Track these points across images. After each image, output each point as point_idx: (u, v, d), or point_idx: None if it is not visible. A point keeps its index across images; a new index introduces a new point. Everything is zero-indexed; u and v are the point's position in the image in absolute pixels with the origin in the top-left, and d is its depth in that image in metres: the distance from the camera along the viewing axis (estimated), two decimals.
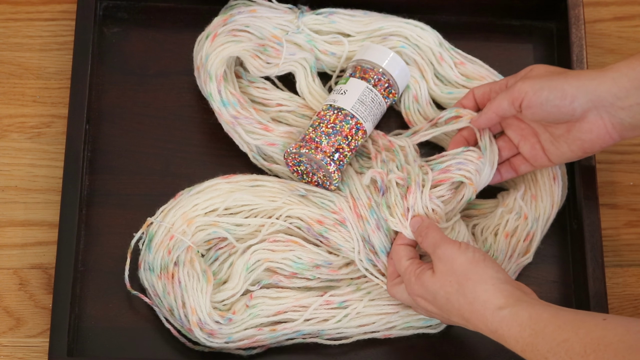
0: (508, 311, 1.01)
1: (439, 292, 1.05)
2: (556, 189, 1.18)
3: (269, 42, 1.20)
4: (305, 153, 1.15)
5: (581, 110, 1.08)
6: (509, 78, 1.15)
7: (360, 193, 1.16)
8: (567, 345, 0.95)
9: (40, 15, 1.27)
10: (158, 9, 1.27)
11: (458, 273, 1.05)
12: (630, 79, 1.06)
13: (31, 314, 1.16)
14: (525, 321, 0.99)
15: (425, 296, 1.07)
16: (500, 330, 1.01)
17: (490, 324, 1.02)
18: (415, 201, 1.13)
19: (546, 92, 1.08)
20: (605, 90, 1.07)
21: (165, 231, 1.14)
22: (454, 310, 1.05)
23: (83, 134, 1.18)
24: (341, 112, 1.17)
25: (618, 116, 1.08)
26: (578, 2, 1.25)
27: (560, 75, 1.09)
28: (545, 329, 0.97)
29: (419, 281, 1.07)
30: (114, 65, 1.25)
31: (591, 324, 0.95)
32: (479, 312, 1.02)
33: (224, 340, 1.12)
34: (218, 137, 1.21)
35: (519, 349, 1.00)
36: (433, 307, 1.08)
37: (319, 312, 1.14)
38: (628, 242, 1.22)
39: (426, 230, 1.10)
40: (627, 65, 1.07)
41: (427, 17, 1.25)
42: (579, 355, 0.93)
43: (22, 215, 1.19)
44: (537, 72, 1.11)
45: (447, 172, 1.15)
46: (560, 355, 0.95)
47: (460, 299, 1.04)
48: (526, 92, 1.08)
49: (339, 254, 1.16)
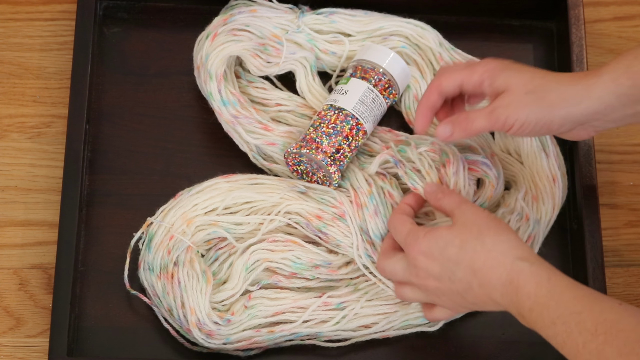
0: (528, 265, 0.99)
1: (454, 240, 1.03)
2: (557, 190, 1.18)
3: (269, 41, 1.20)
4: (306, 153, 1.15)
5: (567, 130, 1.08)
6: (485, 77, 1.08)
7: (361, 182, 1.17)
8: (579, 318, 0.94)
9: (40, 15, 1.27)
10: (158, 9, 1.27)
11: (480, 224, 1.03)
12: (617, 95, 1.04)
13: (31, 314, 1.16)
14: (543, 281, 0.98)
15: (432, 250, 1.04)
16: (516, 282, 0.99)
17: (508, 272, 1.00)
18: (457, 171, 1.13)
19: (533, 125, 1.06)
20: (591, 113, 1.05)
21: (165, 231, 1.14)
22: (464, 260, 1.02)
23: (83, 134, 1.18)
24: (342, 112, 1.17)
25: (603, 126, 1.08)
26: (578, 2, 1.25)
27: (545, 102, 1.06)
28: (562, 294, 0.96)
29: (429, 234, 1.05)
30: (114, 65, 1.25)
31: (607, 305, 0.94)
32: (497, 260, 1.01)
33: (222, 341, 1.12)
34: (218, 137, 1.21)
35: (527, 306, 0.98)
36: (435, 265, 1.04)
37: (316, 313, 1.14)
38: (628, 242, 1.22)
39: (449, 191, 1.09)
40: (612, 80, 1.04)
41: (427, 17, 1.25)
42: (589, 332, 0.93)
43: (22, 215, 1.20)
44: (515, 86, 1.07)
45: (475, 164, 1.16)
46: (570, 325, 0.94)
47: (477, 246, 1.02)
48: (512, 125, 1.06)
49: (338, 251, 1.16)
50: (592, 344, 0.92)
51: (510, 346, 1.17)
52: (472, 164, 1.15)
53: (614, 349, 0.90)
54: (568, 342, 0.94)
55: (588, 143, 1.20)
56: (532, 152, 1.19)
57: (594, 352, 0.92)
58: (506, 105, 1.06)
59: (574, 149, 1.21)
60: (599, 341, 0.91)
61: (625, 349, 0.90)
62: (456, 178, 1.13)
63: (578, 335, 0.93)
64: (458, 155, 1.14)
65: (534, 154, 1.19)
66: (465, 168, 1.14)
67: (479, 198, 1.16)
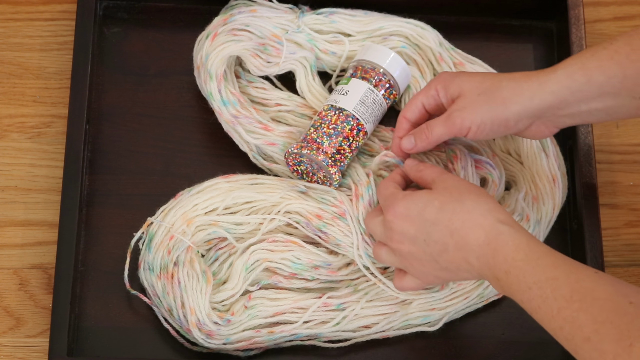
0: (507, 228, 0.99)
1: (433, 202, 1.03)
2: (557, 190, 1.18)
3: (269, 41, 1.20)
4: (307, 154, 1.15)
5: (525, 126, 1.08)
6: (439, 88, 1.11)
7: (361, 176, 1.17)
8: (555, 284, 0.94)
9: (40, 15, 1.27)
10: (158, 9, 1.27)
11: (460, 188, 1.04)
12: (572, 91, 1.04)
13: (31, 314, 1.16)
14: (522, 245, 0.98)
15: (409, 212, 1.04)
16: (494, 243, 0.99)
17: (487, 233, 1.00)
18: (466, 166, 1.13)
19: (489, 125, 1.07)
20: (546, 106, 1.06)
21: (165, 231, 1.14)
22: (443, 221, 1.02)
23: (83, 134, 1.18)
24: (343, 112, 1.17)
25: (560, 121, 1.08)
26: (578, 2, 1.25)
27: (497, 100, 1.06)
28: (539, 260, 0.96)
29: (407, 196, 1.05)
30: (114, 65, 1.25)
31: (584, 273, 0.94)
32: (476, 221, 1.01)
33: (222, 341, 1.12)
34: (218, 137, 1.21)
35: (504, 268, 0.98)
36: (411, 226, 1.04)
37: (317, 314, 1.14)
38: (628, 242, 1.22)
39: (430, 164, 1.09)
40: (567, 75, 1.05)
41: (427, 17, 1.25)
42: (564, 298, 0.92)
43: (22, 215, 1.20)
44: (468, 90, 1.08)
45: (479, 162, 1.16)
46: (546, 290, 0.94)
47: (457, 206, 1.02)
48: (469, 128, 1.07)
49: (338, 251, 1.16)
50: (567, 311, 0.92)
51: (510, 346, 1.17)
52: (476, 163, 1.16)
53: (588, 316, 0.90)
54: (543, 307, 0.94)
55: (588, 143, 1.21)
56: (532, 152, 1.19)
57: (568, 318, 0.91)
58: (461, 108, 1.07)
59: (574, 149, 1.21)
60: (574, 308, 0.91)
61: (600, 317, 0.89)
62: (465, 173, 1.13)
63: (553, 301, 0.93)
64: (464, 151, 1.15)
65: (533, 154, 1.19)
66: (473, 164, 1.14)
67: None
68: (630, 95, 1.04)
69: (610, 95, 1.04)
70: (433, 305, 1.15)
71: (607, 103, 1.05)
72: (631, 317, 0.88)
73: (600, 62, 1.04)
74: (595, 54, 1.04)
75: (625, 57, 1.03)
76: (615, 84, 1.03)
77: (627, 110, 1.06)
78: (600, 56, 1.04)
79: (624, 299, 0.90)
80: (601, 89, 1.04)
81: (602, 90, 1.04)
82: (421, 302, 1.15)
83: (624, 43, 1.03)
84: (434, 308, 1.15)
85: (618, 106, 1.05)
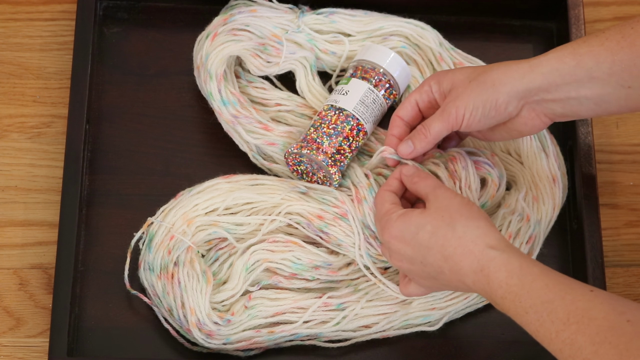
0: (499, 254, 1.00)
1: (426, 226, 1.03)
2: (557, 190, 1.18)
3: (269, 41, 1.20)
4: (307, 154, 1.15)
5: (515, 110, 1.08)
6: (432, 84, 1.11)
7: (360, 177, 1.17)
8: (551, 307, 0.94)
9: (40, 15, 1.27)
10: (158, 9, 1.27)
11: (452, 209, 1.03)
12: (561, 74, 1.05)
13: (31, 314, 1.16)
14: (515, 269, 0.98)
15: (404, 235, 1.05)
16: (487, 270, 0.99)
17: (479, 260, 1.00)
18: (466, 166, 1.13)
19: (481, 109, 1.07)
20: (535, 87, 1.06)
21: (166, 231, 1.14)
22: (436, 247, 1.03)
23: (83, 134, 1.18)
24: (342, 112, 1.17)
25: (549, 107, 1.07)
26: (578, 2, 1.25)
27: (487, 82, 1.07)
28: (533, 283, 0.96)
29: (401, 218, 1.06)
30: (114, 65, 1.25)
31: (578, 292, 0.94)
32: (467, 248, 1.01)
33: (222, 341, 1.12)
34: (218, 137, 1.21)
35: (499, 294, 0.98)
36: (408, 249, 1.05)
37: (317, 314, 1.14)
38: (628, 242, 1.22)
39: (425, 175, 1.10)
40: (557, 59, 1.05)
41: (427, 17, 1.25)
42: (561, 321, 0.93)
43: (22, 215, 1.20)
44: (460, 80, 1.09)
45: (478, 163, 1.16)
46: (542, 315, 0.94)
47: (448, 232, 1.02)
48: (463, 116, 1.08)
49: (339, 251, 1.16)
50: (565, 333, 0.92)
51: (510, 346, 1.17)
52: (475, 164, 1.16)
53: (586, 337, 0.90)
54: (541, 330, 0.94)
55: (588, 143, 1.21)
56: (532, 152, 1.19)
57: (567, 341, 0.92)
58: (453, 99, 1.08)
59: (574, 149, 1.21)
60: (572, 330, 0.91)
61: (598, 337, 0.90)
62: (466, 173, 1.14)
63: (550, 324, 0.93)
64: (462, 152, 1.15)
65: (533, 154, 1.19)
66: (472, 164, 1.14)
67: (482, 197, 1.16)
68: (618, 83, 1.04)
69: (599, 81, 1.04)
70: (433, 305, 1.15)
71: (595, 90, 1.05)
72: (629, 336, 0.88)
73: (590, 48, 1.04)
74: (587, 40, 1.05)
75: (616, 44, 1.03)
76: (604, 69, 1.03)
77: (617, 101, 1.05)
78: (591, 42, 1.04)
79: (621, 317, 0.90)
80: (590, 73, 1.04)
81: (591, 75, 1.04)
82: (421, 302, 1.15)
83: (616, 31, 1.04)
84: (434, 308, 1.15)
85: (607, 95, 1.05)
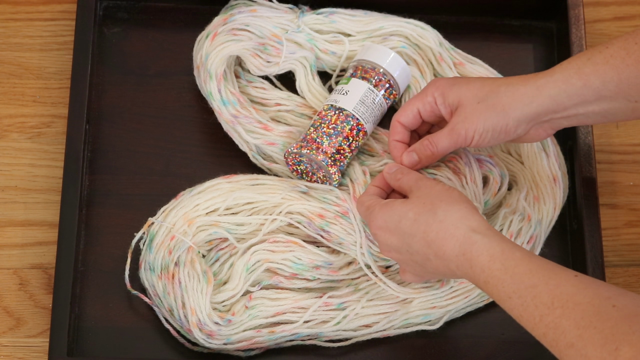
0: (480, 237, 1.00)
1: (408, 213, 1.04)
2: (557, 190, 1.18)
3: (269, 40, 1.20)
4: (307, 153, 1.15)
5: (524, 131, 1.09)
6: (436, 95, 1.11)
7: (358, 174, 1.17)
8: (535, 292, 0.94)
9: (40, 15, 1.27)
10: (158, 9, 1.27)
11: (433, 196, 1.04)
12: (569, 95, 1.05)
13: (31, 314, 1.16)
14: (497, 253, 0.98)
15: (388, 224, 1.05)
16: (469, 254, 0.99)
17: (461, 244, 1.00)
18: (468, 162, 1.14)
19: (490, 132, 1.08)
20: (544, 111, 1.07)
21: (166, 231, 1.14)
22: (418, 233, 1.03)
23: (83, 134, 1.18)
24: (342, 112, 1.17)
25: (556, 123, 1.09)
26: (578, 2, 1.25)
27: (497, 107, 1.07)
28: (516, 268, 0.96)
29: (384, 208, 1.06)
30: (114, 65, 1.25)
31: (563, 277, 0.94)
32: (449, 232, 1.01)
33: (223, 341, 1.12)
34: (218, 137, 1.21)
35: (482, 278, 0.98)
36: (394, 237, 1.05)
37: (317, 314, 1.14)
38: (628, 242, 1.22)
39: (407, 171, 1.10)
40: (564, 80, 1.06)
41: (427, 17, 1.25)
42: (545, 305, 0.92)
43: (22, 215, 1.19)
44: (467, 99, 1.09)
45: (479, 161, 1.17)
46: (526, 299, 0.94)
47: (429, 218, 1.02)
48: (472, 138, 1.08)
49: (340, 249, 1.16)
50: (549, 317, 0.92)
51: (510, 346, 1.17)
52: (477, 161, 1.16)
53: (570, 322, 0.90)
54: (525, 315, 0.94)
55: (588, 143, 1.21)
56: (533, 152, 1.19)
57: (550, 325, 0.92)
58: (463, 119, 1.08)
59: (574, 149, 1.21)
60: (556, 315, 0.91)
61: (583, 322, 0.89)
62: (469, 169, 1.14)
63: (534, 309, 0.93)
64: (465, 149, 1.15)
65: (534, 154, 1.19)
66: (475, 160, 1.15)
67: (484, 195, 1.17)
68: (626, 98, 1.05)
69: (606, 99, 1.05)
70: (434, 304, 1.15)
71: (603, 106, 1.06)
72: (615, 321, 0.88)
73: (595, 67, 1.04)
74: (591, 58, 1.05)
75: (621, 61, 1.04)
76: (611, 88, 1.04)
77: (624, 113, 1.06)
78: (595, 60, 1.05)
79: (606, 302, 0.90)
80: (598, 92, 1.05)
81: (599, 94, 1.05)
82: (422, 301, 1.15)
83: (619, 47, 1.04)
84: (434, 306, 1.15)
85: (614, 109, 1.06)
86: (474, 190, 1.14)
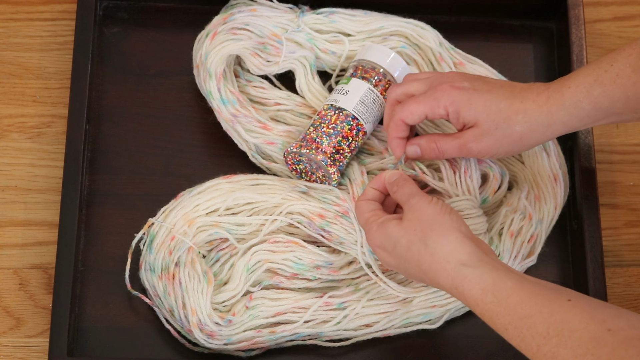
0: (471, 271, 0.99)
1: (401, 240, 1.04)
2: (558, 190, 1.19)
3: (269, 40, 1.20)
4: (306, 153, 1.15)
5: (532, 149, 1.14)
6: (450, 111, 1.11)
7: (356, 174, 1.17)
8: (530, 322, 0.94)
9: (40, 15, 1.27)
10: (158, 9, 1.27)
11: (424, 223, 1.04)
12: (580, 119, 1.08)
13: (31, 314, 1.16)
14: (488, 286, 0.98)
15: (385, 246, 1.06)
16: (461, 288, 1.00)
17: (452, 279, 1.00)
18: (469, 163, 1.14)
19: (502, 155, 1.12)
20: (556, 135, 1.10)
21: (167, 232, 1.14)
22: (412, 261, 1.03)
23: (83, 134, 1.18)
24: (342, 112, 1.17)
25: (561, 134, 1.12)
26: (578, 2, 1.25)
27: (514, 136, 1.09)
28: (509, 299, 0.96)
29: (380, 229, 1.06)
30: (114, 65, 1.25)
31: (556, 304, 0.93)
32: (440, 265, 1.01)
33: (224, 342, 1.12)
34: (218, 137, 1.21)
35: (478, 311, 0.99)
36: (391, 258, 1.06)
37: (318, 313, 1.14)
38: (628, 242, 1.22)
39: (404, 182, 1.09)
40: (575, 106, 1.07)
41: (427, 17, 1.25)
42: (541, 335, 0.92)
43: (22, 215, 1.19)
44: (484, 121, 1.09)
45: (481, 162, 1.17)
46: (522, 330, 0.94)
47: (421, 248, 1.03)
48: (482, 157, 1.12)
49: (341, 249, 1.16)
50: (546, 347, 0.92)
51: (510, 346, 1.16)
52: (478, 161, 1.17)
53: (567, 350, 0.90)
54: (522, 345, 0.94)
55: (588, 143, 1.21)
56: (533, 151, 1.19)
57: (548, 354, 0.92)
58: (477, 140, 1.10)
59: (574, 148, 1.21)
60: (552, 344, 0.91)
61: (580, 349, 0.89)
62: (466, 162, 1.14)
63: (531, 339, 0.93)
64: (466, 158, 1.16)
65: (534, 153, 1.19)
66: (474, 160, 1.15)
67: (483, 192, 1.17)
68: (633, 112, 1.07)
69: (614, 115, 1.08)
70: (434, 303, 1.15)
71: (611, 120, 1.09)
72: (611, 347, 0.88)
73: (603, 88, 1.06)
74: (598, 79, 1.07)
75: (627, 80, 1.05)
76: (619, 105, 1.07)
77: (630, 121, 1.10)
78: (603, 81, 1.06)
79: (601, 326, 0.90)
80: (606, 112, 1.07)
81: (608, 113, 1.08)
82: (422, 300, 1.15)
83: (624, 64, 1.05)
84: (434, 305, 1.15)
85: (621, 120, 1.09)
86: (469, 184, 1.14)
